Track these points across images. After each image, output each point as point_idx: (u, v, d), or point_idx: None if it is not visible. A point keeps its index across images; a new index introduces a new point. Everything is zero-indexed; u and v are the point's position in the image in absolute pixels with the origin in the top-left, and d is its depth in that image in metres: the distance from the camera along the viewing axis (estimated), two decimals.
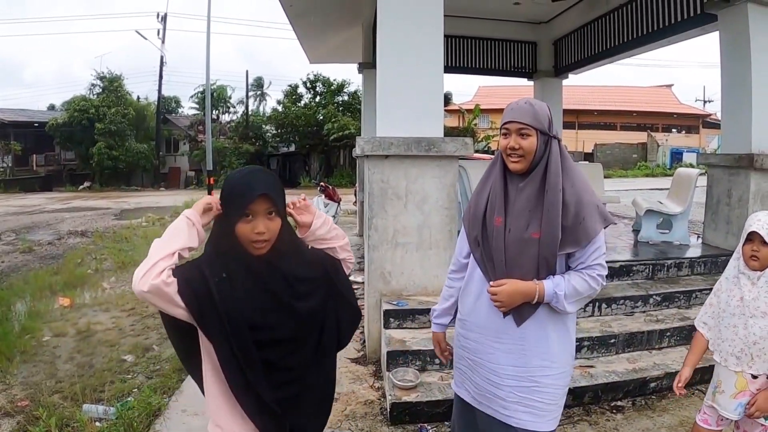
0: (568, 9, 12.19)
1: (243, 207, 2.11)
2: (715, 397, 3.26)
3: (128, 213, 22.42)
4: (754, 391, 3.09)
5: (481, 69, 13.80)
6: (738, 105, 7.40)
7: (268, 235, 2.16)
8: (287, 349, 2.25)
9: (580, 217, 2.54)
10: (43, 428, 4.38)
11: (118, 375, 5.71)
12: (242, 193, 2.14)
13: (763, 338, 2.97)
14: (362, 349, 6.24)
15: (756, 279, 3.02)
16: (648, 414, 4.89)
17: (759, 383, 3.07)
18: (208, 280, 2.08)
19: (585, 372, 5.20)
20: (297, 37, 13.63)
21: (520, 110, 2.59)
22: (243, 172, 2.29)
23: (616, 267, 6.83)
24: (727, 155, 7.59)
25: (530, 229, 2.54)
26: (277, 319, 2.20)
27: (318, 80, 43.54)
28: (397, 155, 5.58)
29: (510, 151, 2.58)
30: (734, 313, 3.08)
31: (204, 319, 2.08)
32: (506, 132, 2.61)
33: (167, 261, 2.02)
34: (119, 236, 15.32)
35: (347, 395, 5.16)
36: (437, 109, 5.85)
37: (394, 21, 5.68)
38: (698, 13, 8.30)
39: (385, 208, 5.69)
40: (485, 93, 52.31)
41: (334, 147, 40.01)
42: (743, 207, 7.29)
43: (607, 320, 5.99)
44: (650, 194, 13.52)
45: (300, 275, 2.30)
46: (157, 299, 2.01)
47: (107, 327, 7.25)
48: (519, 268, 2.58)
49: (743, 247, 3.05)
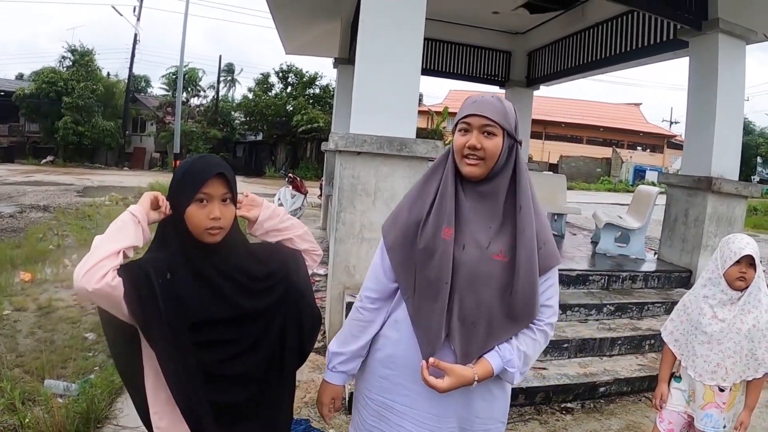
0: (545, 22, 12.35)
1: (197, 187, 2.04)
2: (689, 405, 3.38)
3: (91, 190, 22.14)
4: (721, 404, 3.22)
5: (455, 74, 13.91)
6: (701, 129, 7.61)
7: (224, 221, 2.08)
8: (230, 353, 2.14)
9: (542, 240, 2.18)
10: (6, 400, 4.35)
11: (80, 352, 5.67)
12: (198, 172, 2.07)
13: (736, 352, 3.10)
14: (322, 340, 6.32)
15: (736, 299, 3.13)
16: (596, 417, 5.06)
17: (725, 396, 3.21)
18: (153, 284, 1.97)
19: (538, 373, 5.34)
20: (275, 27, 13.60)
21: (486, 104, 2.15)
22: (196, 157, 2.21)
23: (573, 276, 6.99)
24: (687, 176, 7.80)
25: (491, 248, 2.12)
26: (220, 318, 2.10)
27: (291, 71, 43.40)
28: (370, 153, 5.63)
29: (468, 151, 2.12)
30: (706, 331, 3.18)
31: (148, 324, 1.99)
32: (466, 127, 2.15)
33: (112, 261, 1.91)
34: (82, 213, 15.11)
35: (307, 383, 5.23)
36: (412, 110, 5.92)
37: (376, 20, 5.72)
38: (671, 38, 8.51)
39: (354, 203, 5.75)
40: (455, 96, 52.39)
41: (302, 139, 39.89)
42: (699, 227, 7.50)
43: (561, 325, 6.14)
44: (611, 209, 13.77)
45: (251, 272, 2.21)
46: (100, 300, 1.94)
47: (69, 304, 7.18)
48: (473, 293, 2.12)
49: (729, 270, 3.10)
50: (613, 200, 29.57)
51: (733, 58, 7.45)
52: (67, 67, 41.85)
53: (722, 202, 7.49)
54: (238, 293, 2.14)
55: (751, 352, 3.09)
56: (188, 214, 2.05)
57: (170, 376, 2.02)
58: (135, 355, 2.14)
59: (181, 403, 2.04)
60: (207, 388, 2.08)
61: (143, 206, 2.06)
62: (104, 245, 1.94)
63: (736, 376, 3.15)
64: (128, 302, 1.93)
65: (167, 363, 2.01)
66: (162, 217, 2.08)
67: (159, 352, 2.01)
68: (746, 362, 3.11)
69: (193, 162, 2.15)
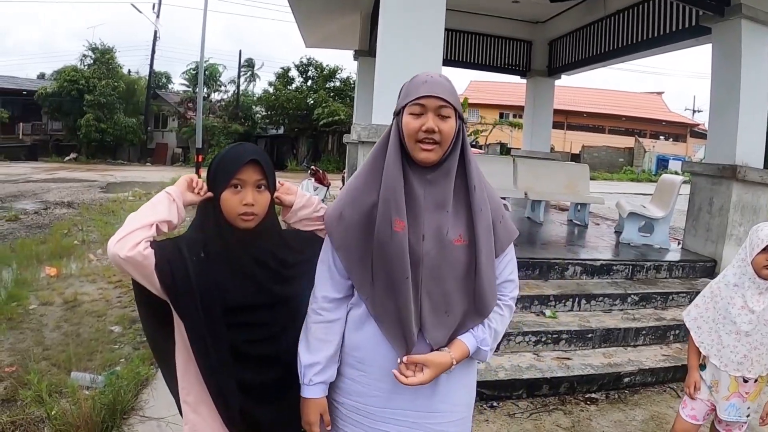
0: (565, 11, 12.30)
1: (232, 174, 2.07)
2: (712, 395, 3.36)
3: (114, 186, 22.32)
4: (743, 394, 3.22)
5: (476, 64, 13.94)
6: (725, 117, 7.55)
7: (258, 208, 2.11)
8: (259, 336, 2.16)
9: (498, 217, 2.15)
10: (33, 392, 4.41)
11: (106, 345, 5.74)
12: (232, 159, 2.11)
13: (763, 344, 3.08)
14: None
15: (765, 289, 3.09)
16: (620, 407, 5.04)
17: (749, 386, 3.20)
18: (186, 259, 2.01)
19: (562, 363, 5.34)
20: (295, 21, 13.64)
21: (439, 84, 2.03)
22: (233, 144, 2.26)
23: (597, 265, 6.99)
24: (711, 165, 7.75)
25: (450, 234, 2.04)
26: (253, 302, 2.13)
27: (311, 65, 43.33)
28: None
29: (424, 135, 1.99)
30: (736, 321, 3.14)
31: (178, 298, 2.01)
32: (419, 110, 2.00)
33: (145, 232, 1.95)
34: (106, 209, 15.28)
35: None
36: None
37: (397, 10, 5.74)
38: (693, 24, 8.45)
39: None
40: (476, 87, 52.29)
41: (323, 132, 39.85)
42: (723, 216, 7.45)
43: (585, 315, 6.14)
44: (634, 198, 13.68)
45: (283, 258, 2.23)
46: (132, 269, 1.94)
47: (94, 298, 7.28)
48: (440, 283, 2.06)
49: (756, 257, 3.07)
50: (636, 190, 29.32)
51: (757, 43, 7.38)
52: (88, 65, 42.15)
53: (747, 190, 7.43)
54: (271, 280, 2.17)
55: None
56: (222, 199, 2.09)
57: (198, 352, 2.06)
58: (167, 332, 2.18)
59: (208, 379, 2.09)
60: (234, 367, 2.11)
61: (179, 187, 2.12)
62: (138, 218, 1.99)
63: (762, 368, 3.13)
64: (159, 274, 1.96)
65: (196, 339, 2.05)
66: (198, 199, 2.13)
67: (188, 328, 2.06)
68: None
69: (230, 149, 2.19)
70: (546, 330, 5.66)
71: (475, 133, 40.15)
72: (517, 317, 5.87)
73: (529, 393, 5.06)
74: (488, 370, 5.00)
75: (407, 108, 2.02)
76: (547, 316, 6.02)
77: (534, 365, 5.27)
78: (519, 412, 4.82)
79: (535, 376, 5.10)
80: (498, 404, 4.86)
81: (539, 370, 5.18)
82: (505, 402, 4.92)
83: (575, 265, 6.88)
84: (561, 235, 9.40)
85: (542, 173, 10.05)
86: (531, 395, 5.06)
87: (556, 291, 6.30)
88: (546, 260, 6.80)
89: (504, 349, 5.47)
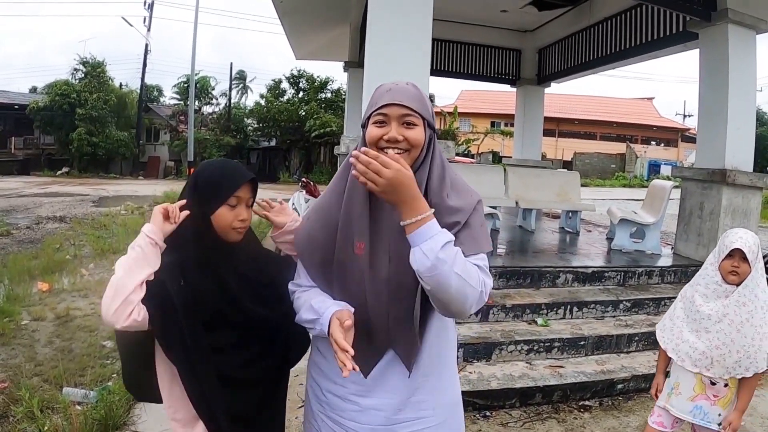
0: (554, 19, 12.37)
1: (232, 192, 2.13)
2: (670, 399, 3.35)
3: (107, 200, 22.25)
4: (711, 396, 3.19)
5: (466, 74, 13.98)
6: (714, 121, 7.58)
7: (247, 223, 2.22)
8: (240, 359, 2.19)
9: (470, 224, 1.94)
10: (25, 408, 4.39)
11: (98, 360, 5.72)
12: (231, 176, 2.17)
13: (726, 345, 3.05)
14: None
15: (730, 292, 3.08)
16: (614, 414, 5.04)
17: (718, 389, 3.17)
18: (171, 294, 2.02)
19: (555, 372, 5.34)
20: (285, 33, 13.68)
21: (403, 92, 1.90)
22: (221, 161, 2.34)
23: (589, 272, 6.99)
24: (700, 169, 7.78)
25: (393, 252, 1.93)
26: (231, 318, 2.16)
27: (302, 76, 43.42)
28: None
29: (386, 144, 1.87)
30: (695, 318, 3.18)
31: (166, 333, 2.04)
32: (382, 120, 1.89)
33: (137, 294, 1.95)
34: (98, 223, 15.22)
35: None
36: None
37: (384, 22, 5.76)
38: (680, 30, 8.50)
39: None
40: (467, 96, 52.48)
41: (315, 143, 39.85)
42: (714, 220, 7.47)
43: (577, 323, 6.15)
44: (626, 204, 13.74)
45: (261, 269, 2.30)
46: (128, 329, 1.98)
47: (86, 313, 7.23)
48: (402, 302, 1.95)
49: (723, 262, 3.10)
50: (629, 196, 29.42)
51: (744, 48, 7.43)
52: (79, 79, 41.99)
53: (737, 194, 7.45)
54: (247, 295, 2.20)
55: (743, 348, 3.03)
56: (218, 215, 2.14)
57: (188, 380, 2.09)
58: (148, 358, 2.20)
59: (198, 405, 2.12)
60: (221, 390, 2.14)
61: (156, 224, 2.08)
62: (127, 279, 1.97)
63: (723, 371, 3.10)
64: (152, 324, 2.01)
65: (185, 368, 2.08)
66: (174, 226, 2.11)
67: (175, 356, 2.08)
68: (737, 359, 3.05)
69: (222, 167, 2.26)
70: (538, 338, 5.66)
71: (466, 142, 40.30)
72: (509, 326, 5.88)
73: (522, 402, 5.05)
74: (480, 379, 5.01)
75: (371, 118, 1.92)
76: (539, 324, 6.03)
77: (526, 374, 5.27)
78: (512, 421, 4.81)
79: (528, 384, 5.09)
80: (491, 414, 4.85)
81: (532, 379, 5.18)
82: (498, 412, 4.91)
83: (567, 272, 6.88)
84: (552, 243, 9.41)
85: (533, 181, 10.07)
86: (524, 404, 5.06)
87: (548, 299, 6.30)
88: (537, 268, 6.81)
89: (496, 358, 5.47)
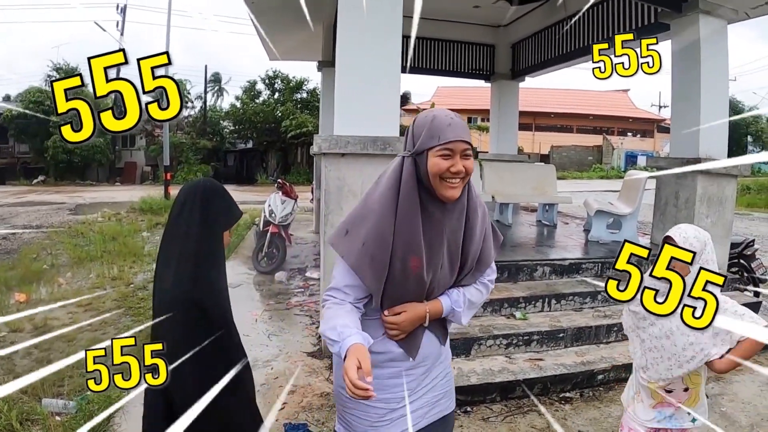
0: (527, 13, 12.36)
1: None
2: (634, 404, 3.16)
3: (84, 208, 22.04)
4: (674, 403, 2.95)
5: (441, 70, 13.94)
6: (687, 111, 7.61)
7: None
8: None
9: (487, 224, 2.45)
10: (4, 421, 4.36)
11: (77, 370, 5.66)
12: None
13: (657, 349, 2.89)
14: (318, 344, 6.33)
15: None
16: (596, 405, 5.08)
17: (677, 396, 2.96)
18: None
19: (534, 365, 5.37)
20: (258, 35, 13.61)
21: (462, 128, 2.20)
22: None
23: (566, 265, 7.03)
24: (675, 159, 7.81)
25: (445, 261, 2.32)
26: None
27: (277, 77, 43.34)
28: (354, 153, 5.64)
29: (451, 175, 2.16)
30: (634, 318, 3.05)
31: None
32: (449, 153, 2.16)
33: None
34: (75, 231, 15.08)
35: (304, 388, 5.25)
36: (394, 108, 5.92)
37: (354, 20, 5.73)
38: (652, 21, 8.52)
39: (341, 204, 5.75)
40: (444, 93, 52.52)
41: (292, 144, 39.81)
42: (690, 209, 7.50)
43: (556, 315, 6.17)
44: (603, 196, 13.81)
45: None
46: None
47: (64, 322, 7.17)
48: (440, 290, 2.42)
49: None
50: (606, 187, 29.72)
51: (715, 37, 7.46)
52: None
53: (712, 182, 7.48)
54: None
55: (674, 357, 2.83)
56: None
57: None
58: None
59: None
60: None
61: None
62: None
63: (657, 376, 2.92)
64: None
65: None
66: None
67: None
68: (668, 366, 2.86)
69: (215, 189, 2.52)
70: (517, 332, 5.67)
71: None
72: (488, 321, 5.89)
73: (503, 396, 5.07)
74: (460, 375, 5.01)
75: (434, 150, 2.16)
76: (517, 318, 6.04)
77: (506, 368, 5.28)
78: (493, 415, 4.82)
79: (508, 378, 5.11)
80: (471, 409, 4.87)
81: (512, 373, 5.19)
82: (479, 407, 4.93)
83: (544, 265, 6.91)
84: (530, 236, 9.44)
85: (509, 176, 10.10)
86: (505, 398, 5.08)
87: (526, 293, 6.32)
88: (514, 262, 6.82)
89: (475, 353, 5.48)
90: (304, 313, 7.60)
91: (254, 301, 8.32)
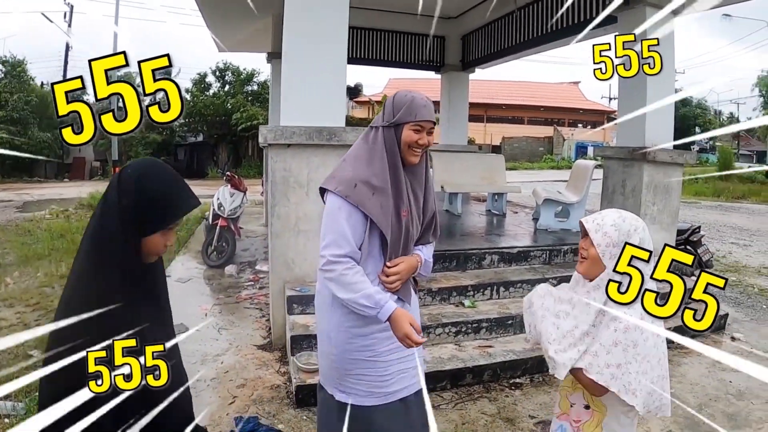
0: (477, 5, 12.41)
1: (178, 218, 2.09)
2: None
3: (31, 205, 21.54)
4: (573, 422, 2.56)
5: (391, 61, 13.91)
6: (633, 101, 7.71)
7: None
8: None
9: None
10: None
11: (26, 370, 5.55)
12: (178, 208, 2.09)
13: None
14: (268, 336, 6.29)
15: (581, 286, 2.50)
16: (545, 389, 5.15)
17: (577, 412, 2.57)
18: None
19: (484, 351, 5.42)
20: (207, 26, 13.44)
21: (431, 109, 2.74)
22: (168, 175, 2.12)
23: (514, 252, 7.09)
24: (622, 148, 7.92)
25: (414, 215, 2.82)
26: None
27: (228, 69, 42.79)
28: (299, 144, 5.64)
29: (419, 146, 2.71)
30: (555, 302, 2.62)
31: None
32: (420, 128, 2.69)
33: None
34: (22, 229, 14.76)
35: (254, 381, 5.22)
36: (340, 99, 5.93)
37: (300, 11, 5.71)
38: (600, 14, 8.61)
39: (287, 196, 5.74)
40: (395, 85, 52.40)
41: (243, 137, 39.38)
42: (636, 197, 7.62)
43: (505, 302, 6.23)
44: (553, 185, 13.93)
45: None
46: None
47: (12, 323, 7.00)
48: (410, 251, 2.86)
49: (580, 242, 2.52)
50: (556, 177, 29.93)
51: (662, 30, 7.55)
52: None
53: (658, 170, 7.61)
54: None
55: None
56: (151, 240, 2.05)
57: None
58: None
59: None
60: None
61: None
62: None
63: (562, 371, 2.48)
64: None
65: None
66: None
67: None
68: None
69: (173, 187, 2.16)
70: (466, 320, 5.71)
71: None
72: (436, 309, 5.92)
73: (453, 383, 5.11)
74: None
75: (410, 124, 2.68)
76: (466, 306, 6.08)
77: (456, 356, 5.31)
78: (444, 403, 4.85)
79: (458, 366, 5.15)
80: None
81: (461, 360, 5.23)
82: (430, 395, 4.92)
83: (492, 254, 6.96)
84: (479, 225, 9.49)
85: (458, 166, 10.14)
86: (455, 386, 5.11)
87: (474, 281, 6.36)
88: (463, 251, 6.86)
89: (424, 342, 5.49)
90: (254, 306, 7.54)
91: (204, 295, 8.23)
